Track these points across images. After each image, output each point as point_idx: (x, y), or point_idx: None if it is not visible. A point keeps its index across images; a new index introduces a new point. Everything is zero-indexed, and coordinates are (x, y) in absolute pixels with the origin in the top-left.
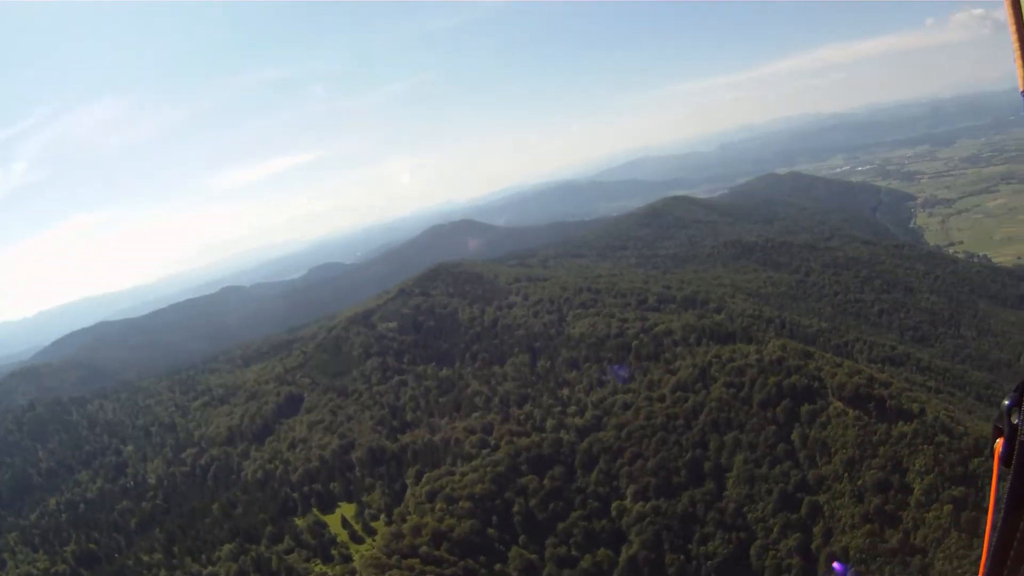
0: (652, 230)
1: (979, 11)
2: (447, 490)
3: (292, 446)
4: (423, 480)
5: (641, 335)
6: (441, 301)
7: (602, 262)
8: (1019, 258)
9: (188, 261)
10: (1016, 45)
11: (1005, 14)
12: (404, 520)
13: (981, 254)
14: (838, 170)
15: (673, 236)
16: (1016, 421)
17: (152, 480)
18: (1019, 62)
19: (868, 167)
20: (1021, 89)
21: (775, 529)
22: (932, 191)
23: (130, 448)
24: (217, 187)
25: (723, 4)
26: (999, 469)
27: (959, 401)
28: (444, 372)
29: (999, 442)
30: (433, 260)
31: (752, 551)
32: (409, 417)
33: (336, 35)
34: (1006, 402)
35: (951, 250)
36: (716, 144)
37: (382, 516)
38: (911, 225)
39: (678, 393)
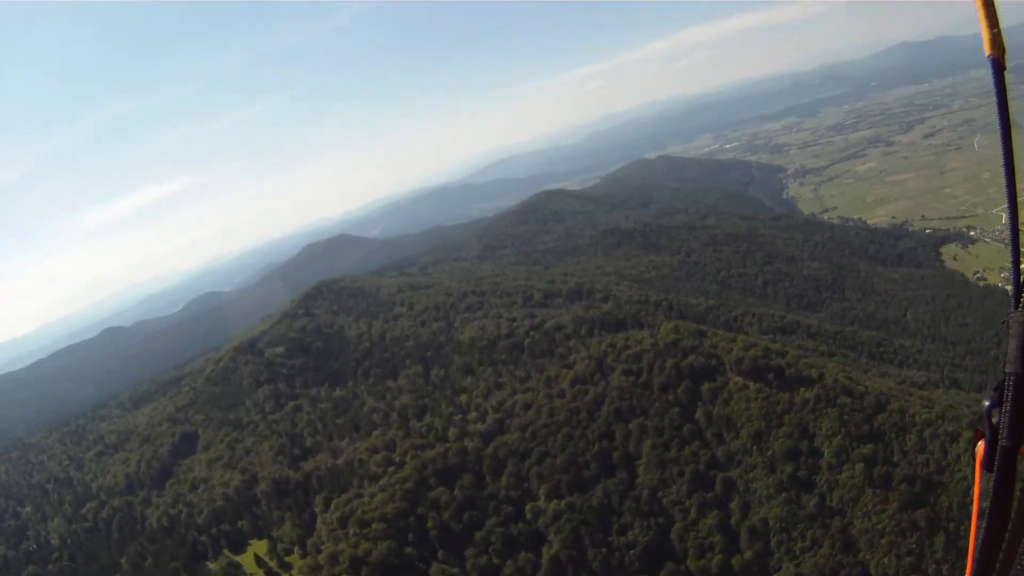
0: (529, 226)
1: None
2: (358, 513)
3: (194, 487)
4: (332, 506)
5: (532, 332)
6: (327, 320)
7: (483, 264)
8: (893, 218)
9: (66, 305)
10: (979, 5)
11: None
12: (319, 550)
13: (856, 217)
14: (707, 149)
15: (550, 230)
16: (996, 421)
17: (55, 540)
18: (983, 23)
19: (736, 144)
20: (987, 53)
21: (692, 510)
22: (801, 161)
23: (28, 509)
24: (86, 226)
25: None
26: (981, 473)
27: (853, 361)
28: (338, 392)
29: (980, 445)
30: (313, 279)
31: (673, 534)
32: (309, 443)
33: (187, 58)
34: (986, 402)
35: (826, 216)
36: (584, 135)
37: (296, 549)
38: (784, 196)
39: (577, 387)
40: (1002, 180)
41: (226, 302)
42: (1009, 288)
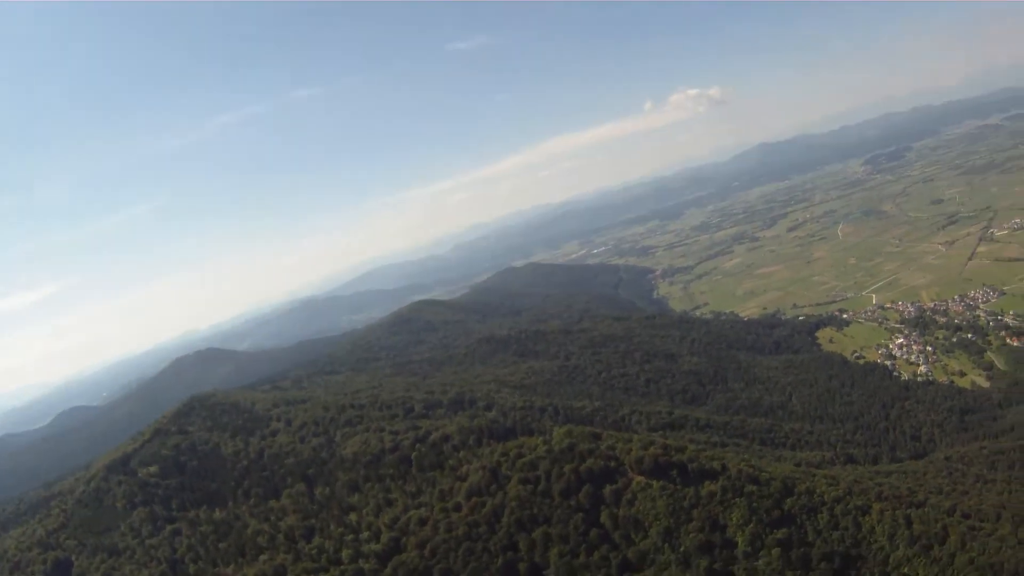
0: (401, 337)
1: (694, 91)
2: None
3: None
4: None
5: (418, 445)
6: (201, 437)
7: (358, 376)
8: (765, 308)
9: None
10: None
11: (718, 92)
12: None
13: (728, 311)
14: (574, 256)
15: (424, 340)
16: None
17: None
18: None
19: (603, 248)
20: None
21: None
22: (669, 261)
23: None
24: None
25: (434, 115)
26: None
27: (746, 449)
28: (218, 514)
29: None
30: (184, 393)
31: None
32: (192, 569)
33: (55, 160)
34: None
35: (698, 312)
36: (450, 246)
37: None
38: (655, 295)
39: (474, 499)
40: (868, 264)
41: (95, 416)
42: (888, 363)
